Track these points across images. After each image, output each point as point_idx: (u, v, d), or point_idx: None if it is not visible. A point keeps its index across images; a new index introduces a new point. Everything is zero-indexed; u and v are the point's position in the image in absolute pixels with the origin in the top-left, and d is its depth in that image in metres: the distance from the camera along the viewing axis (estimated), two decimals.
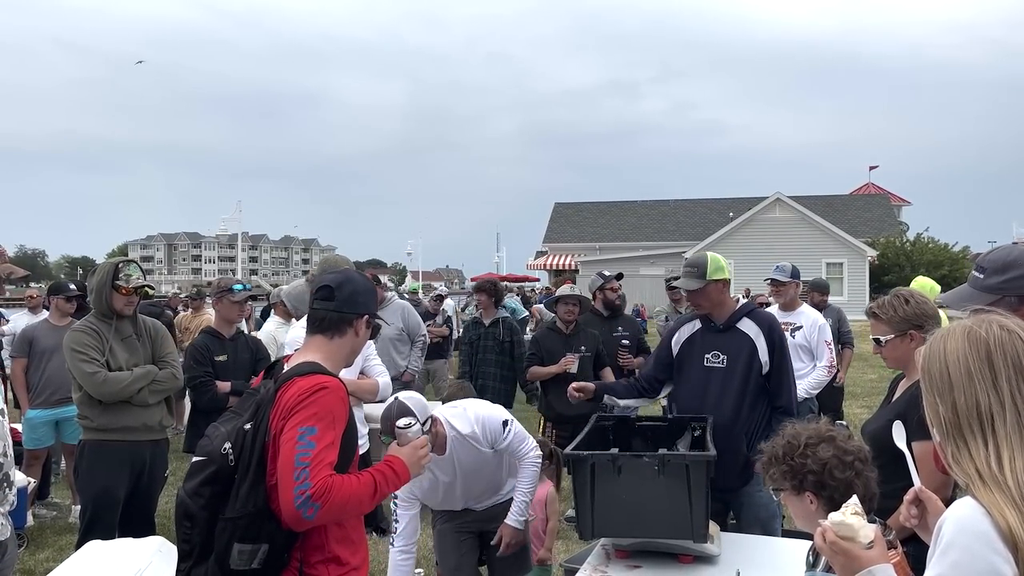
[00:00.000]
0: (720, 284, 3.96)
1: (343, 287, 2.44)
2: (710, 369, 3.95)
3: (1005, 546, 1.34)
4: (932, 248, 34.74)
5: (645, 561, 3.14)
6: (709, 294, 3.95)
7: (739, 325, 3.98)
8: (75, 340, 4.18)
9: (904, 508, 1.77)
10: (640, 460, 3.08)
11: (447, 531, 3.81)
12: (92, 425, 4.21)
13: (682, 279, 4.03)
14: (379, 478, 2.26)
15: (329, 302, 2.42)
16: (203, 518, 2.18)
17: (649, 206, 44.75)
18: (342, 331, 2.42)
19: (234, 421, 2.28)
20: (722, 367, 3.93)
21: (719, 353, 3.96)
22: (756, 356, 3.90)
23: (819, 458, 2.06)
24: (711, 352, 3.97)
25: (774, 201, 34.28)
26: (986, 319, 1.52)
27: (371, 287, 2.57)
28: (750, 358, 3.90)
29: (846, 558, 1.60)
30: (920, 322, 2.85)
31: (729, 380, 3.88)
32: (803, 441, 2.11)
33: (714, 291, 3.95)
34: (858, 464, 2.05)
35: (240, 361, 5.02)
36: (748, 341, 3.93)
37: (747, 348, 3.92)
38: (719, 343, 3.98)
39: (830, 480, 2.04)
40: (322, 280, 2.50)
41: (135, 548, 3.56)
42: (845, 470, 2.03)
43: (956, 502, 1.44)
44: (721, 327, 3.99)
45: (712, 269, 3.92)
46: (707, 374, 3.95)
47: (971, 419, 1.45)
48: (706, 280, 3.91)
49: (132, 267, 4.38)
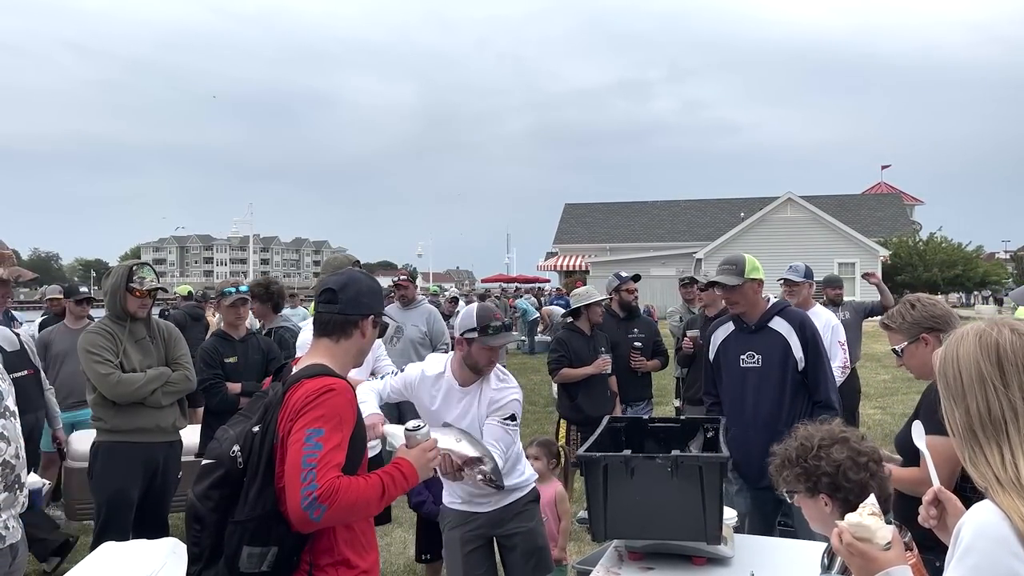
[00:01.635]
0: (756, 284, 4.04)
1: (347, 289, 2.42)
2: (746, 370, 4.04)
3: None
4: (945, 248, 34.51)
5: (658, 563, 3.13)
6: (746, 292, 4.02)
7: (771, 324, 4.04)
8: (89, 342, 4.21)
9: (923, 509, 1.75)
10: (653, 462, 3.06)
11: (454, 539, 3.62)
12: (106, 427, 4.24)
13: (721, 275, 4.06)
14: (387, 480, 2.25)
15: (333, 305, 2.41)
16: (213, 521, 2.18)
17: (660, 206, 44.65)
18: (348, 333, 2.41)
19: (243, 424, 2.28)
20: (758, 367, 4.02)
21: (754, 353, 4.04)
22: (791, 354, 3.97)
23: (833, 460, 2.04)
24: (746, 353, 4.06)
25: (785, 201, 34.15)
26: (999, 322, 1.51)
27: (376, 287, 2.54)
28: (785, 356, 3.97)
29: (863, 559, 1.59)
30: (930, 324, 2.85)
31: (766, 379, 3.97)
32: (816, 443, 2.09)
33: (750, 290, 4.02)
34: (872, 465, 2.03)
35: (251, 362, 5.04)
36: (781, 340, 3.99)
37: (781, 347, 3.98)
38: (753, 343, 4.05)
39: (844, 482, 2.02)
40: (325, 282, 2.48)
41: (149, 549, 3.58)
42: (860, 471, 2.01)
43: (975, 506, 1.43)
44: (754, 327, 4.06)
45: (750, 268, 4.00)
46: (744, 375, 4.04)
47: (984, 424, 1.44)
48: (744, 278, 3.98)
49: (145, 270, 4.41)
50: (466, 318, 3.38)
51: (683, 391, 6.65)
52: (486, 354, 3.34)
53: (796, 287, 6.07)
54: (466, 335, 3.33)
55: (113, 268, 4.47)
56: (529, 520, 3.62)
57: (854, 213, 37.89)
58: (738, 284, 3.99)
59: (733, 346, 4.12)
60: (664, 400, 10.54)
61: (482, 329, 3.30)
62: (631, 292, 6.40)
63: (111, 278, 4.34)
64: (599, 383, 5.82)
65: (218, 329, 5.18)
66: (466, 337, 3.34)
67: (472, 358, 3.35)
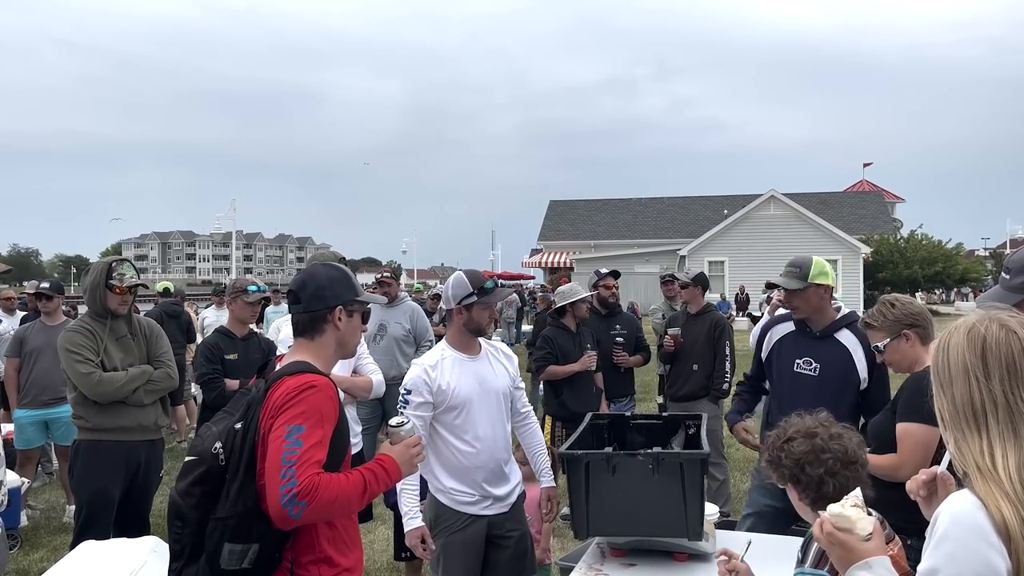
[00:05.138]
0: (822, 289, 3.77)
1: (306, 287, 2.43)
2: (799, 376, 3.80)
3: (999, 539, 1.35)
4: (926, 245, 34.79)
5: (640, 559, 3.15)
6: (808, 297, 3.77)
7: (837, 335, 3.78)
8: (69, 340, 4.17)
9: (916, 480, 1.78)
10: (635, 459, 3.07)
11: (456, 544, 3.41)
12: (87, 425, 4.20)
13: (783, 278, 3.82)
14: (369, 476, 2.24)
15: (298, 305, 2.42)
16: (194, 518, 2.18)
17: (644, 203, 44.75)
18: (319, 329, 2.40)
19: (226, 421, 2.28)
20: (814, 375, 3.77)
21: (811, 360, 3.79)
22: (854, 369, 3.71)
23: (793, 453, 2.08)
24: (803, 358, 3.81)
25: (769, 198, 34.32)
26: (989, 316, 1.55)
27: (340, 276, 2.49)
28: (847, 370, 3.71)
29: (842, 549, 1.61)
30: (910, 321, 3.03)
31: (822, 389, 3.66)
32: (788, 435, 2.13)
33: (814, 295, 3.77)
34: (833, 464, 2.04)
35: (251, 360, 5.01)
36: (845, 352, 3.73)
37: (844, 359, 3.72)
38: (813, 350, 3.79)
39: (802, 475, 2.06)
40: (289, 286, 2.51)
41: (130, 548, 3.56)
42: (817, 467, 2.04)
43: (952, 495, 1.47)
44: (818, 334, 3.81)
45: (815, 272, 3.74)
46: (796, 381, 3.81)
47: (966, 414, 1.48)
48: (807, 283, 3.73)
49: (126, 266, 4.37)
50: (458, 286, 3.38)
51: (666, 388, 6.68)
52: (487, 313, 3.40)
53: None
54: (464, 301, 3.35)
55: (93, 265, 4.42)
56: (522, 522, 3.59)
57: (836, 210, 38.13)
58: (800, 288, 3.74)
59: (790, 348, 3.87)
60: (647, 397, 10.58)
61: (479, 291, 3.34)
62: (609, 288, 6.40)
63: (90, 275, 4.29)
64: (585, 380, 5.83)
65: (222, 326, 5.15)
66: (464, 304, 3.35)
67: (474, 321, 3.38)
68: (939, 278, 34.61)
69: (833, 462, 2.04)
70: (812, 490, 2.03)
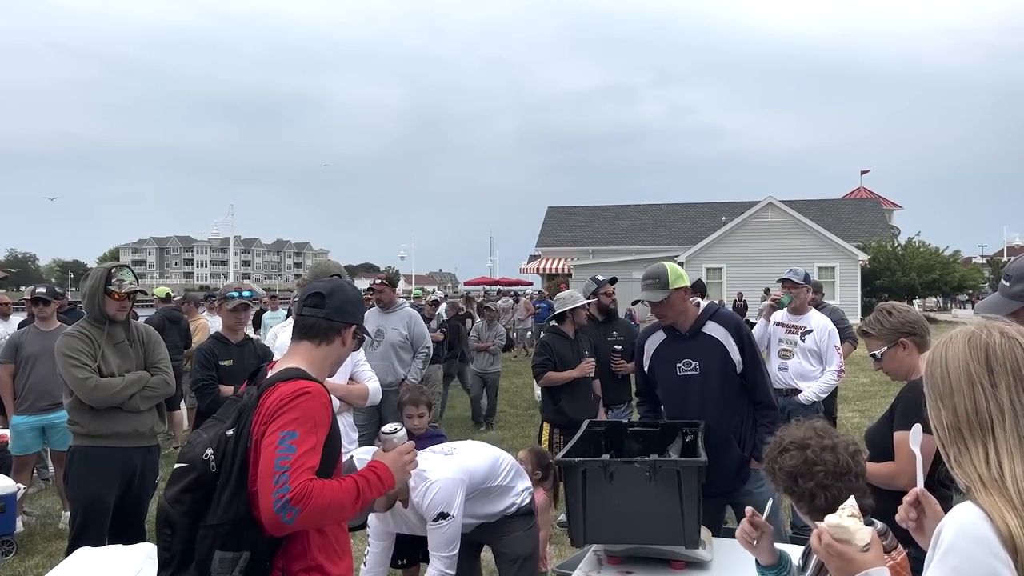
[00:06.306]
0: (682, 292, 3.93)
1: (334, 295, 2.43)
2: (685, 377, 3.97)
3: (1005, 551, 1.32)
4: (923, 252, 34.79)
5: (637, 567, 3.13)
6: (673, 303, 3.92)
7: (705, 330, 3.96)
8: (67, 345, 4.16)
9: (903, 509, 1.76)
10: (631, 466, 3.07)
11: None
12: (83, 431, 4.19)
13: (645, 292, 3.94)
14: (362, 483, 2.23)
15: (319, 309, 2.41)
16: (184, 525, 2.16)
17: (642, 210, 44.79)
18: (329, 339, 2.41)
19: (217, 427, 2.26)
20: (696, 374, 3.94)
21: (690, 360, 3.96)
22: (729, 357, 3.91)
23: (785, 466, 2.09)
24: (682, 360, 3.97)
25: (766, 205, 34.35)
26: (988, 325, 1.52)
27: (360, 298, 2.56)
28: (723, 361, 3.91)
29: (841, 560, 1.59)
30: (907, 329, 3.03)
31: (707, 386, 3.90)
32: (783, 445, 2.14)
33: (677, 300, 3.92)
34: (824, 476, 2.04)
35: (246, 366, 4.99)
36: (717, 343, 3.93)
37: (718, 351, 3.92)
38: (689, 351, 3.97)
39: (795, 487, 2.08)
40: (313, 287, 2.48)
41: (125, 555, 3.55)
42: (807, 480, 2.05)
43: (957, 506, 1.43)
44: (687, 334, 3.98)
45: (673, 278, 3.89)
46: (684, 382, 3.97)
47: (971, 424, 1.45)
48: (669, 290, 3.87)
49: (125, 272, 4.36)
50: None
51: None
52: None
53: (796, 288, 6.13)
54: None
55: (92, 270, 4.41)
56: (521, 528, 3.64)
57: (834, 218, 38.15)
58: (664, 298, 3.88)
59: (668, 354, 4.02)
60: None
61: None
62: (609, 295, 6.41)
63: (89, 280, 4.28)
64: (583, 387, 5.82)
65: (217, 332, 5.16)
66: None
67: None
68: (936, 285, 34.63)
69: (824, 475, 2.04)
70: (806, 502, 2.04)
